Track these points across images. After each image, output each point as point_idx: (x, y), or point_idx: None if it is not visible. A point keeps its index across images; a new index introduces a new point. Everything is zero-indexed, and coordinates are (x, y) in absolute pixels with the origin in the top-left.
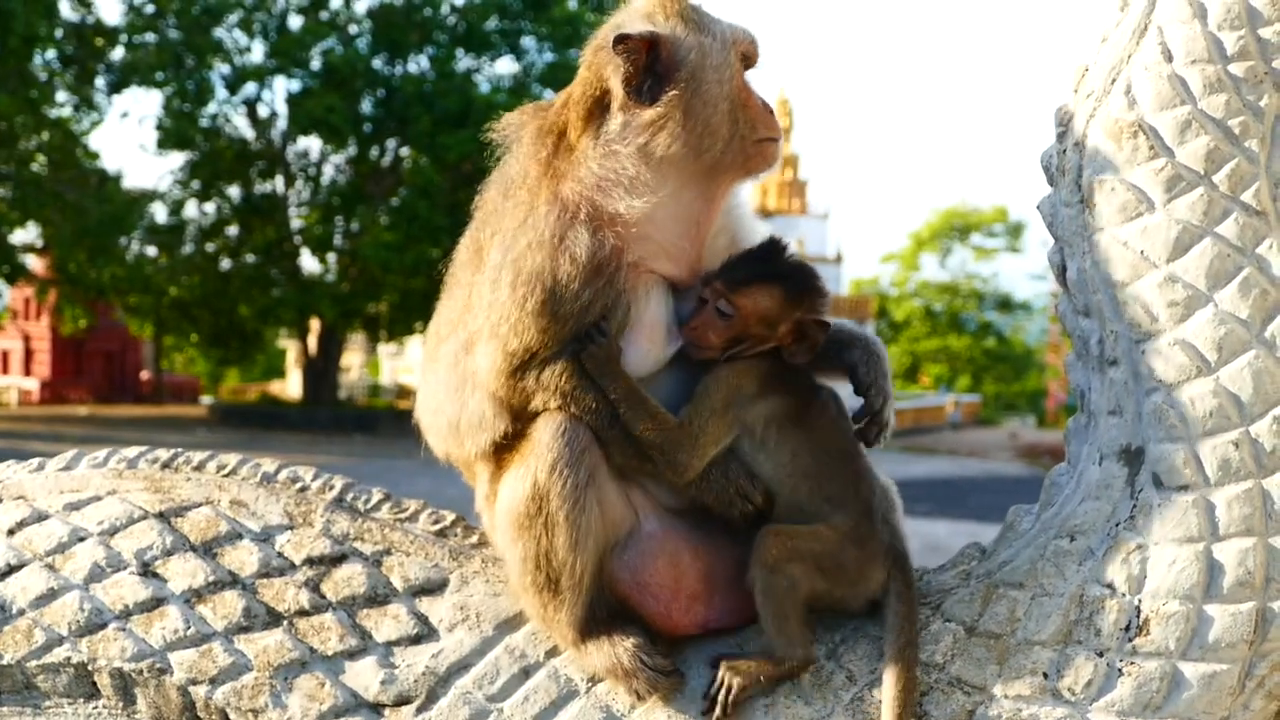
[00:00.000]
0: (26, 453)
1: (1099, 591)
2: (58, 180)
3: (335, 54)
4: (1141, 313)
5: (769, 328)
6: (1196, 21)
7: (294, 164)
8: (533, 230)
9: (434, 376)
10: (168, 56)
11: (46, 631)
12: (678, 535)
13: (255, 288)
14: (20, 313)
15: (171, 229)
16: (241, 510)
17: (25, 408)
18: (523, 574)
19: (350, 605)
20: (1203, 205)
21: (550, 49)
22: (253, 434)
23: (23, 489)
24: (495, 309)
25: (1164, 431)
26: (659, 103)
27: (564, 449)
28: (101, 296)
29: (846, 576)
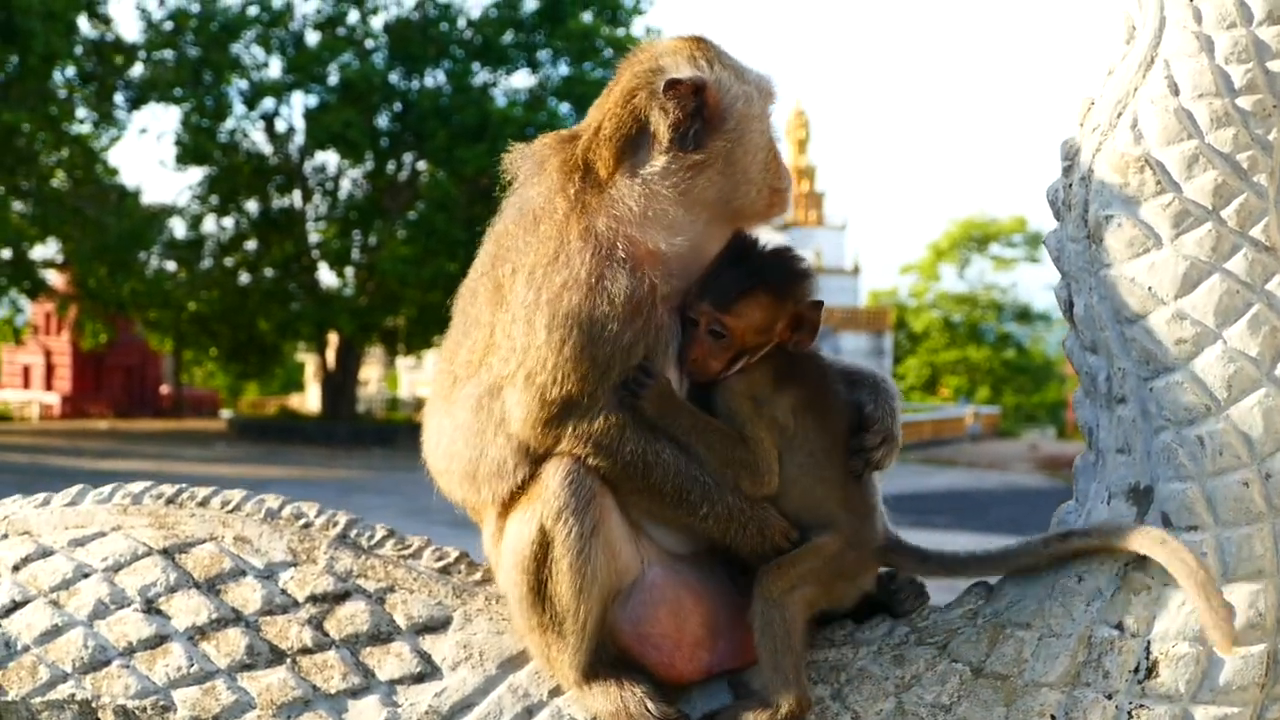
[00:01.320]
0: (48, 468)
1: (1107, 633)
2: (78, 196)
3: (352, 69)
4: (1149, 350)
5: (765, 333)
6: (1203, 55)
7: (311, 179)
8: (566, 268)
9: (449, 420)
10: (186, 73)
11: (51, 668)
12: (680, 581)
13: (274, 302)
14: (41, 328)
15: (190, 244)
16: (245, 547)
17: (46, 422)
18: (527, 615)
19: (353, 643)
20: (1211, 241)
21: (566, 62)
22: (271, 448)
23: (28, 524)
24: (530, 354)
25: (1173, 470)
26: (704, 148)
27: (571, 497)
28: (121, 311)
29: (844, 579)
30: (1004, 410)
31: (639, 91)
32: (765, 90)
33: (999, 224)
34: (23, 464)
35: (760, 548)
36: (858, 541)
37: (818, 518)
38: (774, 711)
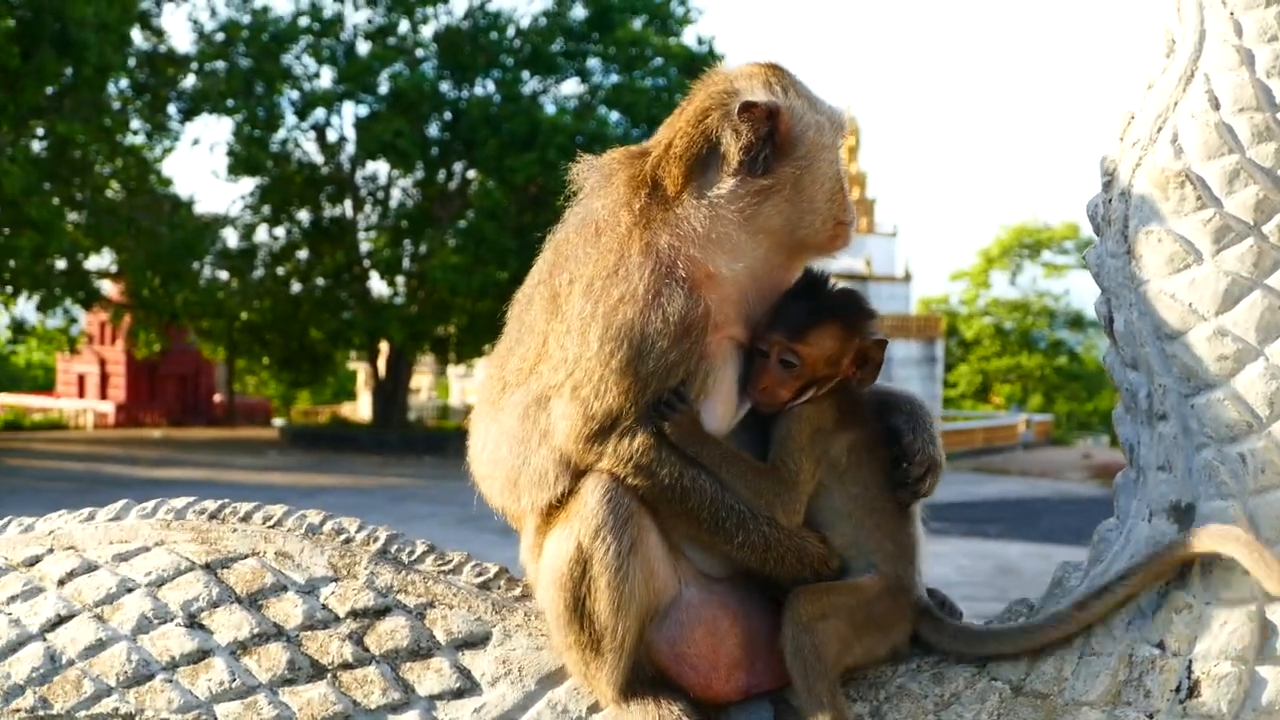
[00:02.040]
0: (103, 476)
1: (1149, 652)
2: (132, 207)
3: (402, 78)
4: (1190, 366)
5: (834, 366)
6: (1244, 68)
7: (362, 188)
8: (625, 283)
9: (496, 426)
10: (238, 83)
11: (95, 682)
12: (716, 602)
13: (325, 311)
14: (96, 337)
15: (243, 253)
16: (287, 562)
17: (101, 431)
18: (565, 632)
19: (393, 658)
20: (1252, 256)
21: (615, 71)
22: (323, 456)
23: (73, 539)
24: (580, 365)
25: (1215, 488)
26: (772, 174)
27: (609, 515)
28: (175, 321)
29: (877, 627)
30: (1057, 418)
31: (712, 112)
32: (836, 122)
33: (1051, 230)
34: (78, 472)
35: (799, 575)
36: (897, 588)
37: (862, 558)
38: None
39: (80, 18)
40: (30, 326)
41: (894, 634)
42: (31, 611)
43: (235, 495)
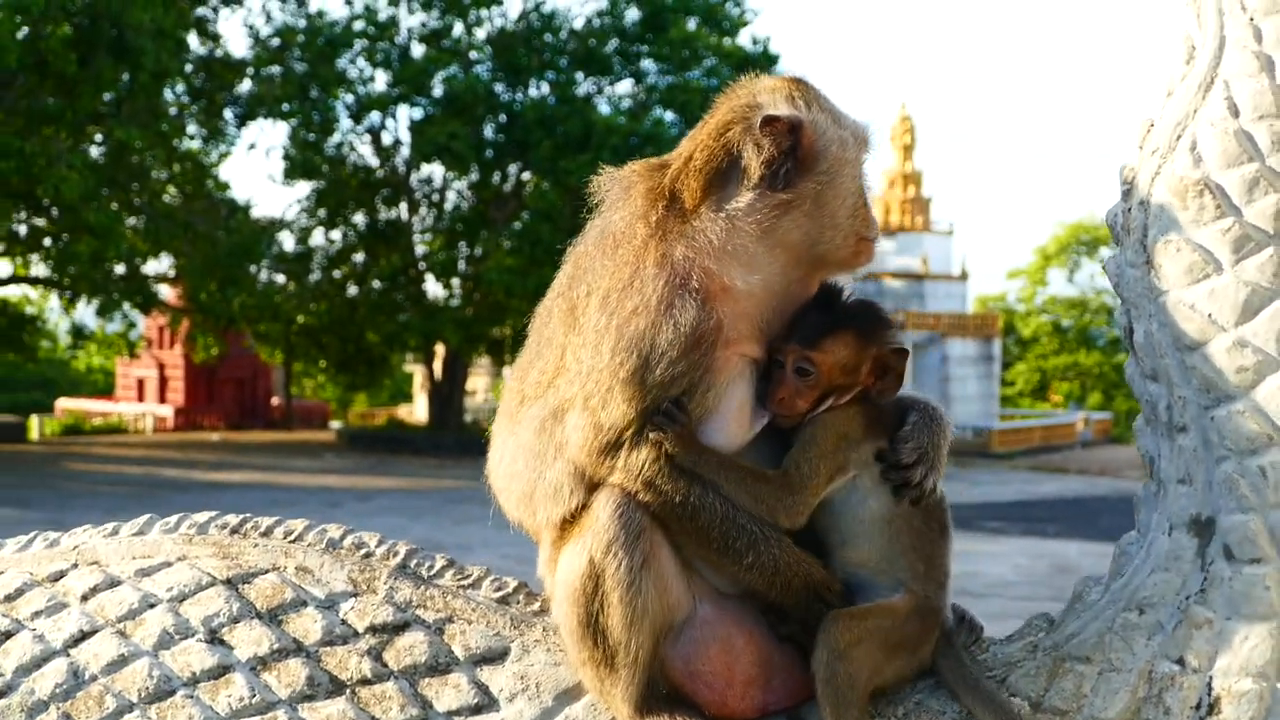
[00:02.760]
0: (161, 479)
1: (1169, 668)
2: (189, 211)
3: (457, 81)
4: (1210, 378)
5: (851, 374)
6: (1264, 75)
7: (418, 190)
8: (639, 294)
9: (514, 439)
10: (293, 88)
11: (117, 698)
12: (731, 619)
13: (381, 314)
14: (155, 341)
15: (299, 257)
16: (307, 577)
17: (160, 434)
18: (579, 648)
19: (412, 674)
20: (1272, 266)
21: (669, 71)
22: (380, 458)
23: (96, 554)
24: (592, 377)
25: (1235, 502)
26: (793, 188)
27: (620, 530)
28: (232, 324)
29: (907, 648)
30: (1115, 416)
31: (734, 125)
32: (861, 137)
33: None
34: (137, 476)
35: (804, 601)
36: (926, 609)
37: (890, 575)
38: None
39: (137, 24)
40: (90, 331)
41: (922, 653)
42: (55, 627)
43: (292, 498)
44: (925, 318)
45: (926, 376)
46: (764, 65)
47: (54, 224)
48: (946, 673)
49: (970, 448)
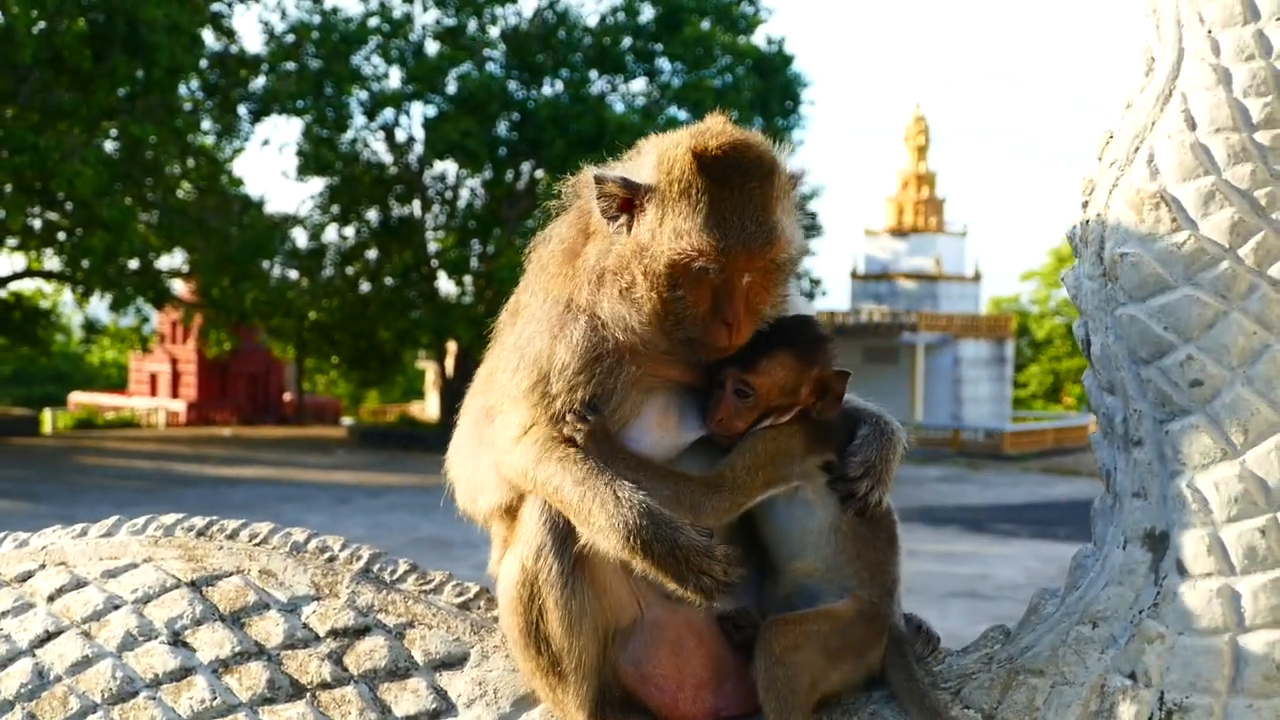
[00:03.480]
0: (173, 474)
1: (1121, 682)
2: (202, 207)
3: (471, 79)
4: (1165, 392)
5: (790, 395)
6: (1221, 88)
7: (431, 188)
8: (541, 321)
9: (462, 429)
10: (308, 84)
11: (81, 699)
12: (681, 622)
13: (393, 311)
14: (168, 336)
15: (312, 253)
16: (270, 580)
17: (172, 429)
18: (525, 658)
19: (371, 679)
20: (1227, 280)
21: (683, 70)
22: (391, 455)
23: (64, 555)
24: (504, 389)
25: (1188, 516)
26: None
27: (547, 535)
28: (245, 320)
29: (851, 653)
30: None
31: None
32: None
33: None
34: (148, 470)
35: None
36: (872, 614)
37: (836, 584)
38: None
39: (151, 19)
40: (103, 326)
41: (869, 658)
42: (21, 627)
43: (302, 494)
44: (938, 319)
45: (939, 378)
46: (779, 64)
47: (68, 219)
48: (896, 684)
49: (982, 449)
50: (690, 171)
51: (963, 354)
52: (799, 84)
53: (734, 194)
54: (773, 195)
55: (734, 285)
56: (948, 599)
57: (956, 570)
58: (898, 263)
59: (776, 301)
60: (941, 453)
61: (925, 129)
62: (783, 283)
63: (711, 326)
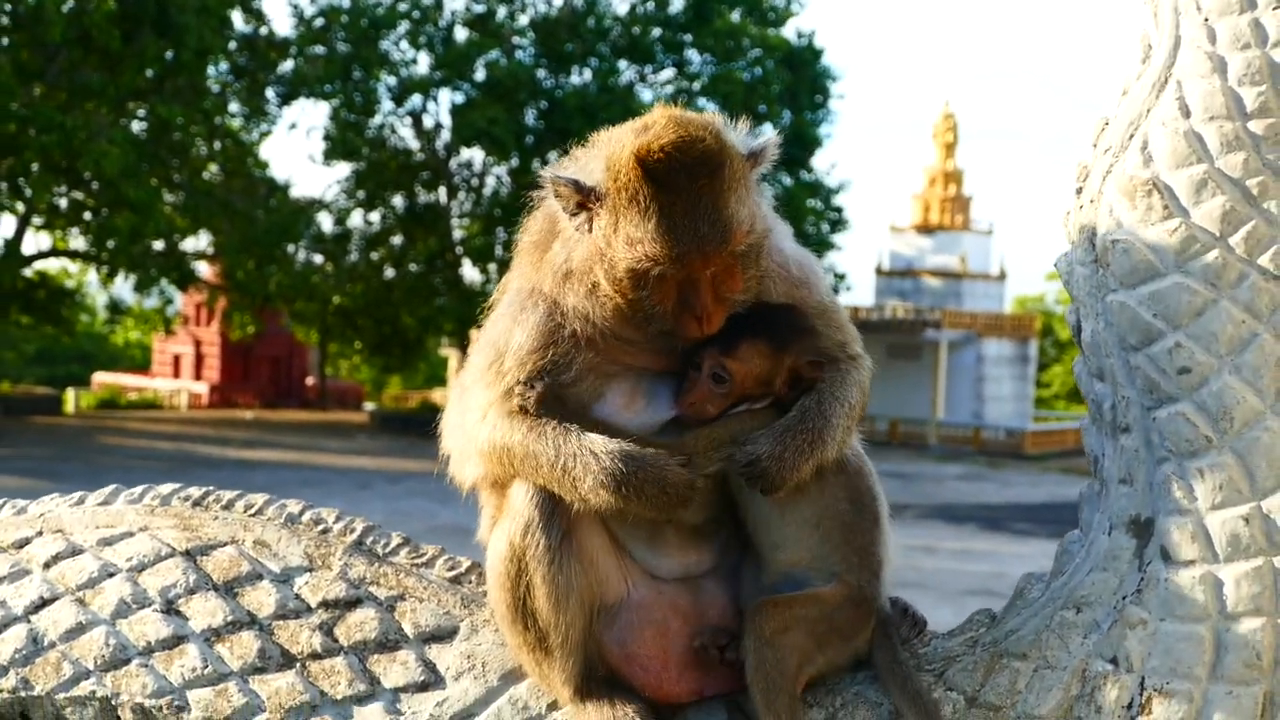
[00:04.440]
0: (194, 456)
1: (1102, 667)
2: (228, 189)
3: (499, 66)
4: (1154, 379)
5: (766, 385)
6: (1216, 76)
7: (457, 175)
8: (506, 307)
9: (452, 401)
10: (336, 68)
11: (74, 665)
12: (667, 602)
13: (417, 297)
14: (192, 318)
15: (337, 238)
16: (264, 551)
17: (195, 411)
18: (513, 634)
19: (361, 650)
20: (1217, 268)
21: (712, 62)
22: (412, 440)
23: (61, 522)
24: (470, 368)
25: (1173, 503)
26: None
27: (535, 510)
28: (269, 303)
29: (839, 636)
30: None
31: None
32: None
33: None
34: (169, 451)
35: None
36: (860, 598)
37: (826, 570)
38: None
39: (181, 1)
40: (127, 306)
41: (857, 641)
42: (17, 593)
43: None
44: (962, 316)
45: (961, 376)
46: (808, 58)
47: (94, 198)
48: (880, 665)
49: (1003, 448)
50: (635, 177)
51: (986, 352)
52: (828, 78)
53: (682, 196)
54: (724, 189)
55: (698, 281)
56: (964, 596)
57: (973, 568)
58: (923, 259)
59: (749, 284)
60: (962, 450)
61: (954, 126)
62: (751, 266)
63: (681, 320)
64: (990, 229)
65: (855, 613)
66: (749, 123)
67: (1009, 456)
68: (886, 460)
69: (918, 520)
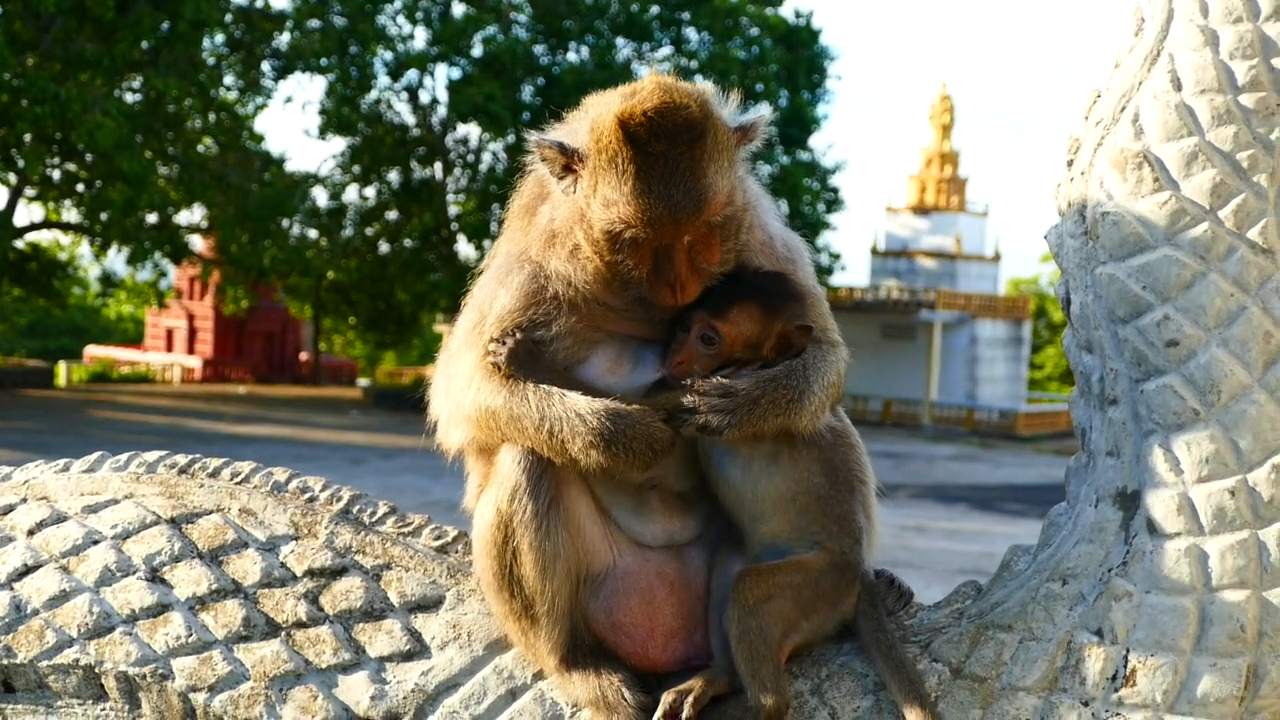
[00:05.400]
0: (186, 430)
1: (1087, 638)
2: (223, 162)
3: (496, 42)
4: (1142, 351)
5: (754, 349)
6: (1208, 49)
7: (453, 151)
8: (494, 271)
9: (439, 366)
10: (332, 42)
11: (58, 633)
12: (653, 570)
13: (412, 273)
14: (185, 292)
15: (332, 213)
16: (250, 519)
17: (187, 385)
18: (499, 602)
19: (347, 619)
20: (1207, 241)
21: (709, 40)
22: (405, 417)
23: (46, 490)
24: (456, 331)
25: (1159, 476)
26: None
27: (522, 475)
28: (262, 278)
29: (825, 603)
30: None
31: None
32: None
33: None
34: (161, 425)
35: (647, 457)
36: (843, 564)
37: (807, 536)
38: (753, 715)
39: None
40: (120, 279)
41: (842, 607)
42: (0, 561)
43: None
44: (956, 297)
45: (955, 357)
46: (806, 38)
47: (87, 170)
48: (865, 636)
49: (996, 429)
50: (616, 139)
51: (979, 334)
52: (826, 58)
53: (660, 161)
54: (703, 158)
55: (674, 248)
56: (955, 576)
57: (965, 548)
58: (918, 240)
59: (726, 257)
60: (955, 431)
61: (951, 108)
62: (729, 239)
63: (656, 287)
64: (985, 211)
65: (839, 578)
66: (743, 100)
67: (1001, 437)
68: (879, 440)
69: (910, 500)
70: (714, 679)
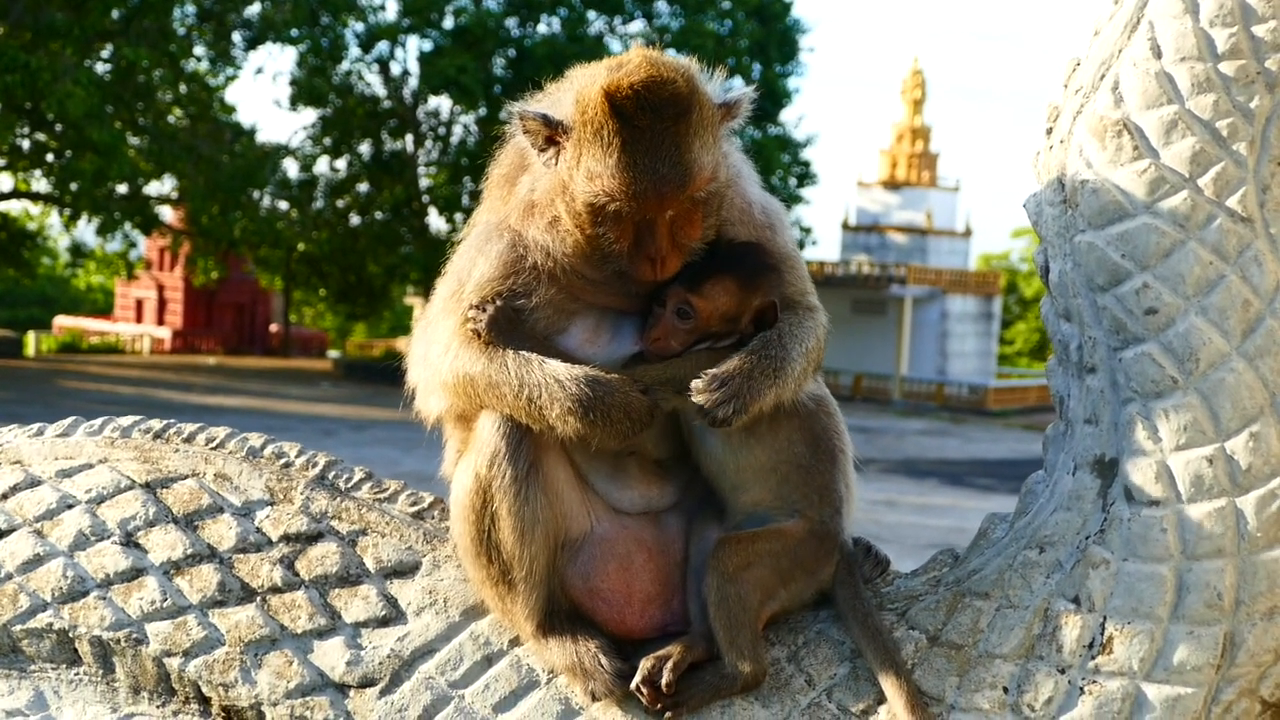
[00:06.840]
0: (155, 401)
1: (1064, 606)
2: (193, 133)
3: (468, 14)
4: (1120, 319)
5: (730, 324)
6: (1188, 17)
7: (424, 123)
8: (473, 240)
9: (416, 334)
10: (303, 14)
11: (31, 597)
12: (630, 537)
13: (383, 245)
14: (155, 263)
15: (302, 184)
16: (225, 484)
17: (157, 356)
18: (476, 567)
19: (322, 584)
20: (1186, 209)
21: (681, 14)
22: (376, 389)
23: (20, 454)
24: (434, 300)
25: (1137, 444)
26: None
27: (501, 441)
28: (233, 249)
29: (803, 571)
30: None
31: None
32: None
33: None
34: (131, 396)
35: (627, 430)
36: (823, 533)
37: (787, 505)
38: (730, 681)
39: None
40: (89, 250)
41: (820, 576)
42: None
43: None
44: (927, 273)
45: (925, 332)
46: (778, 11)
47: (57, 140)
48: (841, 604)
49: (966, 404)
50: (602, 112)
51: (950, 309)
52: (798, 31)
53: (645, 135)
54: (689, 133)
55: (655, 223)
56: (925, 550)
57: (935, 523)
58: (889, 215)
59: (707, 233)
60: (925, 406)
61: (922, 83)
62: (711, 215)
63: (636, 262)
64: (957, 186)
65: (818, 546)
66: (714, 73)
67: (972, 412)
68: (849, 415)
69: (880, 474)
70: (692, 645)
